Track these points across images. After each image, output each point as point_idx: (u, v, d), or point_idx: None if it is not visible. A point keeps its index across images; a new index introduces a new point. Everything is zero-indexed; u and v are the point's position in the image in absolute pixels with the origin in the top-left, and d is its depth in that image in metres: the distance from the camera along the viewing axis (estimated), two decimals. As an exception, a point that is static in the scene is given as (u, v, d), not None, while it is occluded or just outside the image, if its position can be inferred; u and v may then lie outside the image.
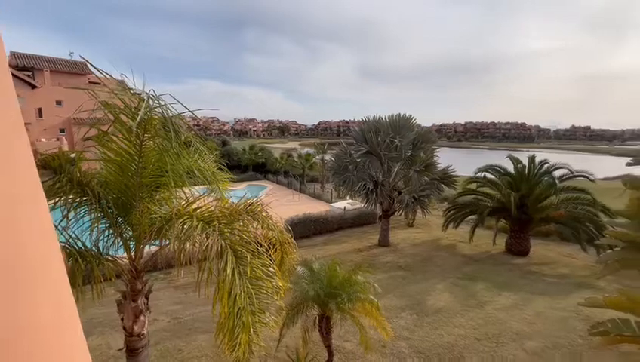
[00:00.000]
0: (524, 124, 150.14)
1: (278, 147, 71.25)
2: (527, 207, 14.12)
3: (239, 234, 3.65)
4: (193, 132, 3.83)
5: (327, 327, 6.59)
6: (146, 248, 4.26)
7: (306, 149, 45.88)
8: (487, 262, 14.05)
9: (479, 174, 15.89)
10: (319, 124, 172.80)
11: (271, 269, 3.51)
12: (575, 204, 13.50)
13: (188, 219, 3.35)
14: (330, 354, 6.72)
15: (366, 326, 6.54)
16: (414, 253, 15.08)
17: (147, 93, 3.13)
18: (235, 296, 2.93)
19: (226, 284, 2.97)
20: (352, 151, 15.37)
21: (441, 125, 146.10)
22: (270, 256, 4.02)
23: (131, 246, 4.05)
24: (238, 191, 6.45)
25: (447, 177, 15.22)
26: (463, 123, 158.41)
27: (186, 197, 3.94)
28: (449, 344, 7.94)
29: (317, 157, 34.98)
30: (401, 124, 14.49)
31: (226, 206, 4.35)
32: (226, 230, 3.49)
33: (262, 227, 4.68)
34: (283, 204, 22.97)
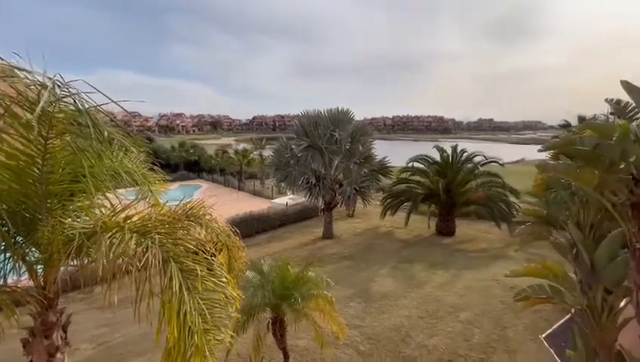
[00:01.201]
0: (443, 117, 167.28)
1: (211, 143, 67.30)
2: (452, 191, 15.67)
3: (183, 244, 3.20)
4: (118, 127, 3.22)
5: (281, 330, 6.38)
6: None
7: (243, 145, 44.20)
8: (421, 244, 15.26)
9: (410, 164, 17.15)
10: (254, 118, 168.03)
11: (223, 279, 3.16)
12: (489, 186, 15.44)
13: (118, 231, 2.80)
14: (286, 355, 6.54)
15: (320, 321, 6.50)
16: (357, 242, 15.64)
17: (52, 79, 2.49)
18: (186, 315, 2.54)
19: (174, 303, 2.55)
20: (293, 146, 15.19)
21: (372, 119, 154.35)
22: (221, 263, 3.63)
23: (40, 270, 3.27)
24: (171, 193, 5.76)
25: (384, 168, 16.05)
26: (391, 117, 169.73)
27: (112, 206, 3.31)
28: (396, 326, 8.38)
29: (255, 153, 33.95)
30: (339, 118, 14.77)
31: (163, 212, 3.80)
32: (167, 241, 3.01)
33: (206, 232, 4.23)
34: (223, 203, 21.72)
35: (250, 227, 16.93)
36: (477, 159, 16.13)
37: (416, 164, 17.09)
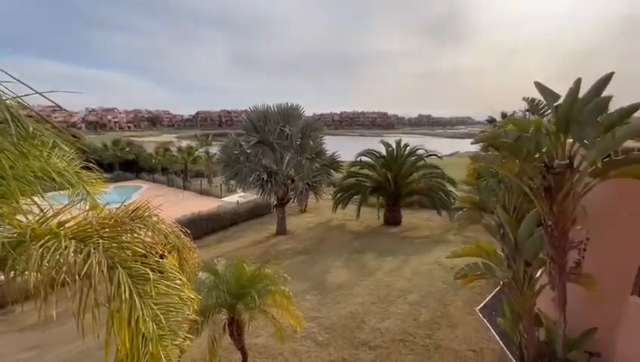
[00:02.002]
0: (386, 113, 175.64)
1: (150, 141, 62.26)
2: (397, 183, 16.65)
3: (130, 247, 2.98)
4: (46, 122, 2.86)
5: (238, 329, 6.26)
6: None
7: (186, 142, 41.66)
8: (372, 234, 16.01)
9: (359, 158, 17.84)
10: (198, 114, 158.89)
11: (177, 281, 3.01)
12: (430, 177, 16.73)
13: (52, 239, 2.50)
14: (244, 355, 6.45)
15: (277, 317, 6.51)
16: (311, 236, 15.85)
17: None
18: (138, 323, 2.38)
19: (123, 312, 2.38)
20: (242, 142, 14.78)
21: (320, 115, 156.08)
22: (173, 265, 3.45)
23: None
24: (107, 196, 5.28)
25: (334, 163, 16.42)
26: (338, 113, 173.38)
27: (42, 211, 2.95)
28: (351, 313, 8.74)
29: (201, 150, 32.23)
30: (289, 113, 14.73)
31: (105, 215, 3.49)
32: (112, 245, 2.78)
33: (154, 234, 3.98)
34: (167, 204, 20.28)
35: (199, 228, 16.14)
36: (419, 152, 17.33)
37: (364, 159, 17.82)
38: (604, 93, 4.56)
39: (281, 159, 15.13)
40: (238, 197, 20.36)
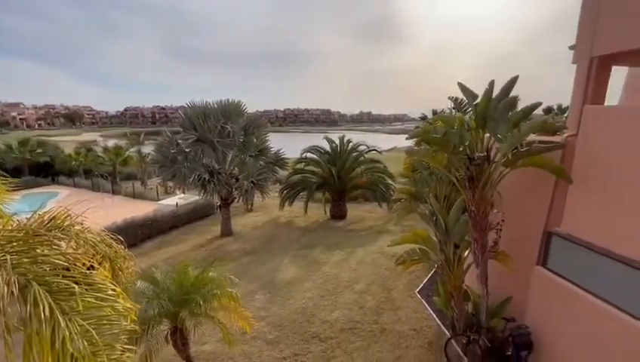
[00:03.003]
0: (329, 110, 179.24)
1: (68, 140, 54.94)
2: (342, 178, 17.19)
3: (48, 261, 2.64)
4: None
5: (182, 339, 5.93)
6: None
7: (114, 141, 37.55)
8: (319, 229, 16.31)
9: (304, 155, 17.98)
10: (126, 110, 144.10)
11: (110, 292, 2.75)
12: (372, 172, 17.58)
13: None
14: (191, 363, 6.13)
15: (225, 320, 6.31)
16: (258, 235, 15.58)
17: None
18: (64, 343, 2.13)
19: (45, 333, 2.10)
20: (180, 141, 13.85)
21: (264, 111, 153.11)
22: (105, 276, 3.14)
23: None
24: (14, 205, 4.59)
25: (280, 160, 16.30)
26: (282, 109, 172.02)
27: None
28: (301, 308, 8.85)
29: (132, 149, 29.33)
30: (231, 110, 14.19)
31: (12, 227, 3.03)
32: (23, 260, 2.43)
33: (78, 244, 3.57)
34: (94, 211, 18.11)
35: (133, 235, 14.77)
36: (361, 148, 18.07)
37: (309, 155, 18.01)
38: (514, 94, 5.28)
39: (224, 158, 14.55)
40: (177, 199, 19.06)
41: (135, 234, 14.97)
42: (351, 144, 18.07)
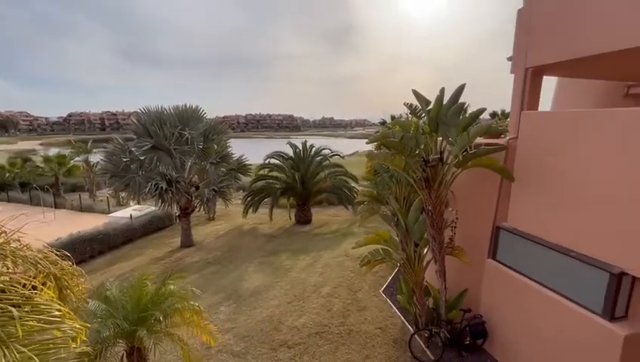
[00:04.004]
0: (292, 115, 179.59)
1: (0, 150, 49.29)
2: (306, 183, 17.25)
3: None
4: None
5: (140, 358, 5.55)
6: None
7: (56, 149, 34.26)
8: (284, 235, 16.17)
9: (267, 160, 17.80)
10: (70, 116, 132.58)
11: (55, 313, 2.51)
12: (335, 176, 17.86)
13: None
14: (150, 385, 5.75)
15: (188, 336, 6.02)
16: (221, 245, 15.07)
17: None
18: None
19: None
20: (133, 148, 13.04)
21: (224, 117, 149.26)
22: (50, 297, 2.86)
23: None
24: None
25: (242, 166, 15.97)
26: (244, 115, 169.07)
27: None
28: (268, 317, 8.69)
29: (77, 158, 26.94)
30: (188, 115, 13.66)
31: None
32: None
33: (15, 264, 3.23)
34: (33, 228, 16.33)
35: (80, 251, 13.60)
36: (324, 153, 18.30)
37: (272, 161, 17.86)
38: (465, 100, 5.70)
39: (182, 165, 13.94)
40: (131, 211, 17.86)
41: (83, 250, 13.79)
42: (314, 149, 18.23)
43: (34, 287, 3.14)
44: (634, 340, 4.14)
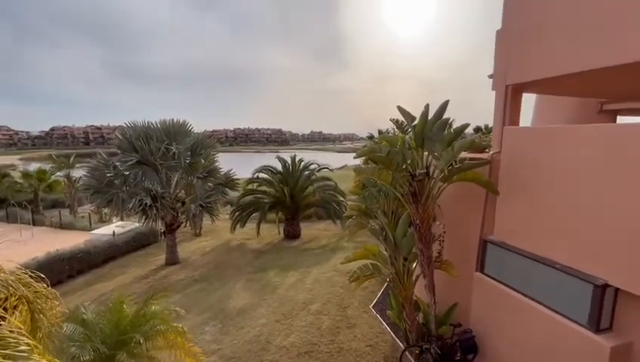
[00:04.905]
0: (281, 129, 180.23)
1: (-24, 165, 47.51)
2: (295, 197, 17.16)
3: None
4: None
5: (118, 385, 5.25)
6: None
7: (36, 164, 33.22)
8: (273, 251, 15.92)
9: (256, 175, 17.69)
10: (53, 130, 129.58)
11: (22, 348, 2.34)
12: (324, 190, 17.85)
13: None
14: (129, 414, 5.42)
15: (171, 359, 5.76)
16: (207, 261, 14.69)
17: None
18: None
19: None
20: (117, 163, 12.76)
21: (213, 131, 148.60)
22: (20, 325, 2.68)
23: None
24: None
25: (230, 181, 15.80)
26: (232, 129, 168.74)
27: None
28: (256, 336, 8.42)
29: (59, 173, 26.16)
30: (176, 130, 13.53)
31: None
32: None
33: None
34: (7, 246, 15.63)
35: (59, 271, 13.02)
36: (312, 167, 18.32)
37: (261, 175, 17.75)
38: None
39: (168, 181, 13.69)
40: (114, 228, 17.32)
41: (61, 270, 13.21)
42: (303, 163, 18.24)
43: (5, 309, 2.96)
44: (620, 351, 4.18)
